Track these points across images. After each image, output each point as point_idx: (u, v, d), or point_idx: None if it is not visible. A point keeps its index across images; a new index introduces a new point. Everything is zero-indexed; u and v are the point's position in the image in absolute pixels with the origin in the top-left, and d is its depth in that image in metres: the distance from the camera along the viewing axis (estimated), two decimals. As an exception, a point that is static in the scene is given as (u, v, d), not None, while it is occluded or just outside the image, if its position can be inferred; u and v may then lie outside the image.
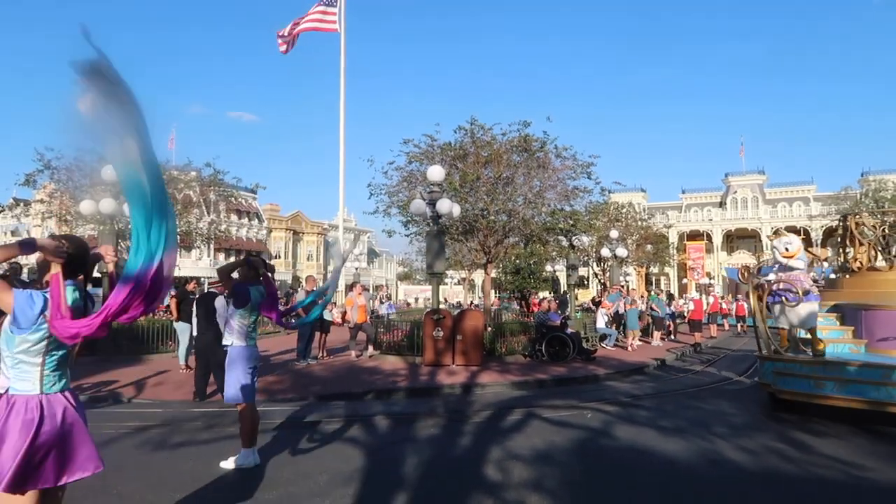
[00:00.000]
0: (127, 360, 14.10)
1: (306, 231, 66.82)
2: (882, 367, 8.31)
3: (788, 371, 8.98)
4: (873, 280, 10.30)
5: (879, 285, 10.03)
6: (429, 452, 6.62)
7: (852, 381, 8.30)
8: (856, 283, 10.53)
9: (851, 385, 8.27)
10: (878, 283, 10.10)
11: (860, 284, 10.40)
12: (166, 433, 7.49)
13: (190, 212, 25.12)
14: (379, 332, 16.20)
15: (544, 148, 19.45)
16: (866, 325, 9.67)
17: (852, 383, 8.28)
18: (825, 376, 8.53)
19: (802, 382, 8.73)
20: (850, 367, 8.51)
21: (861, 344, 9.55)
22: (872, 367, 8.37)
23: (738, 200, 70.34)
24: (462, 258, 34.39)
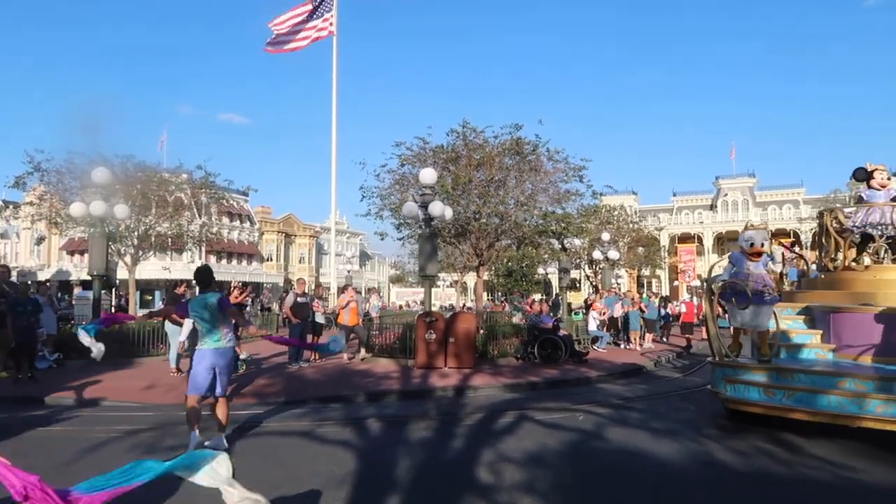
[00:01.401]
0: (117, 363, 14.00)
1: (298, 234, 66.63)
2: (831, 373, 7.78)
3: (738, 378, 8.41)
4: (848, 280, 9.66)
5: (853, 285, 9.42)
6: (421, 455, 6.62)
7: (801, 389, 7.75)
8: (831, 284, 9.96)
9: (800, 394, 7.71)
10: (852, 284, 9.49)
11: (835, 285, 9.82)
12: (157, 436, 7.46)
13: (181, 214, 25.03)
14: (371, 334, 16.18)
15: (536, 151, 19.49)
16: (834, 329, 9.00)
17: (801, 392, 7.72)
18: (775, 384, 8.02)
19: (752, 391, 8.15)
20: (799, 373, 8.04)
21: (829, 348, 8.94)
22: (822, 373, 7.85)
23: (728, 203, 70.70)
24: (454, 261, 34.42)
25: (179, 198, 25.68)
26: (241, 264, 57.43)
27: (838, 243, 9.96)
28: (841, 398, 7.33)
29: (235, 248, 56.71)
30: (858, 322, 8.68)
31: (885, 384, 7.28)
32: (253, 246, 59.69)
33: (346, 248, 67.83)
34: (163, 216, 22.98)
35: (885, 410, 7.01)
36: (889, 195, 9.44)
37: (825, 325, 9.09)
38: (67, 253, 51.34)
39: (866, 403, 7.14)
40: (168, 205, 23.97)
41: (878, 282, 9.11)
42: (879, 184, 9.55)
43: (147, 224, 22.00)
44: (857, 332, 8.65)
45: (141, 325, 15.47)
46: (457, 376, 12.37)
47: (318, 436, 7.55)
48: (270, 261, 61.81)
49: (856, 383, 7.43)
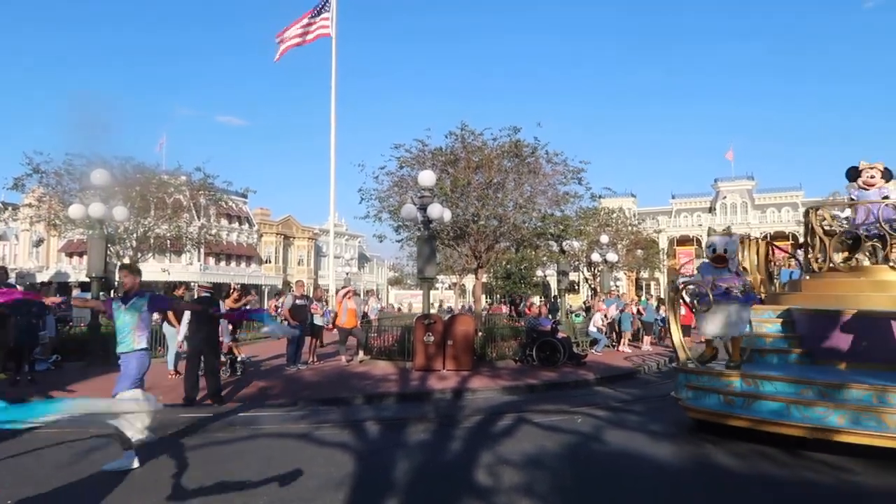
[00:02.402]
0: (115, 365, 13.94)
1: (297, 236, 66.67)
2: (795, 381, 7.38)
3: (699, 384, 8.09)
4: (831, 282, 9.16)
5: (838, 287, 8.89)
6: (419, 457, 6.62)
7: (761, 397, 7.37)
8: (814, 286, 9.47)
9: (759, 402, 7.33)
10: (837, 286, 8.96)
11: (819, 287, 9.31)
12: (155, 439, 7.42)
13: (180, 216, 25.03)
14: (369, 336, 16.18)
15: (535, 153, 19.50)
16: (811, 333, 8.66)
17: (760, 400, 7.34)
18: (736, 392, 7.66)
19: (712, 398, 7.84)
20: (762, 380, 7.63)
21: (805, 354, 8.62)
22: (784, 380, 7.46)
23: (727, 206, 70.86)
24: (453, 263, 34.43)
25: (178, 199, 25.70)
26: (239, 266, 57.44)
27: (824, 243, 9.51)
28: (803, 408, 6.95)
29: (234, 250, 56.73)
30: (836, 325, 8.33)
31: (849, 392, 6.88)
32: (252, 248, 59.70)
33: (344, 250, 67.89)
34: (161, 218, 22.99)
35: (845, 422, 6.64)
36: (879, 194, 9.10)
37: (804, 328, 8.80)
38: (66, 255, 51.35)
39: (827, 414, 6.78)
40: (167, 206, 23.97)
41: (862, 283, 8.73)
42: (864, 182, 9.17)
43: (146, 226, 22.01)
44: (834, 336, 8.32)
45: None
46: (455, 378, 12.36)
47: (316, 438, 7.55)
48: (269, 263, 61.83)
49: (820, 391, 7.05)
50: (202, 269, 51.06)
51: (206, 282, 11.61)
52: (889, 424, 6.36)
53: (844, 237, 9.32)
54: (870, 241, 8.97)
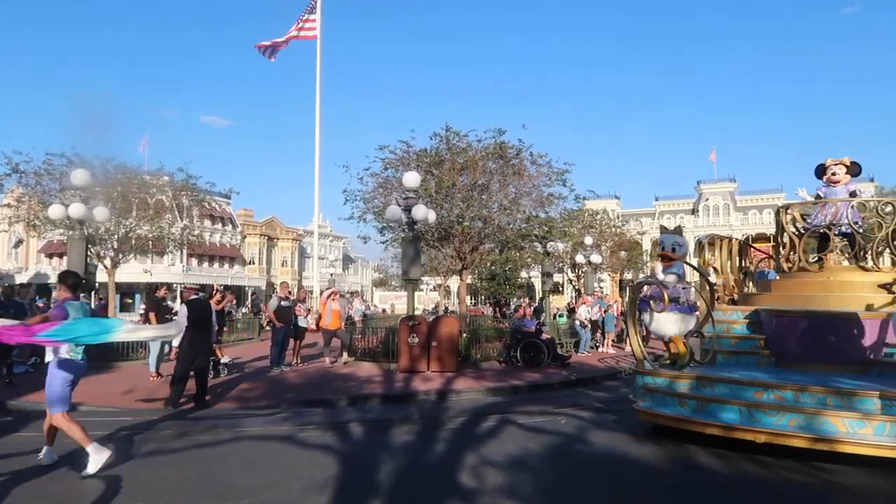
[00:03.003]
0: (95, 367, 13.81)
1: (281, 237, 66.34)
2: (746, 383, 7.26)
3: (654, 387, 7.90)
4: (800, 282, 8.94)
5: (807, 287, 8.69)
6: (403, 459, 6.61)
7: (712, 399, 7.22)
8: (784, 286, 9.28)
9: (711, 405, 7.17)
10: (806, 286, 8.76)
11: (788, 287, 9.13)
12: (137, 442, 7.37)
13: (162, 217, 24.75)
14: (354, 338, 16.13)
15: (520, 155, 19.55)
16: (777, 334, 8.51)
17: (712, 403, 7.19)
18: (688, 394, 7.49)
19: (667, 400, 7.66)
20: (716, 382, 7.51)
21: (770, 355, 8.53)
22: (736, 382, 7.31)
23: (709, 207, 71.62)
24: (438, 264, 34.41)
25: (161, 200, 25.45)
26: (222, 267, 57.04)
27: (794, 242, 9.34)
28: (755, 410, 6.79)
29: (217, 252, 56.33)
30: (800, 326, 8.26)
31: (805, 396, 6.74)
32: (235, 249, 59.32)
33: (329, 251, 67.74)
34: (143, 218, 22.74)
35: (796, 426, 6.49)
36: (846, 190, 8.94)
37: (770, 329, 8.67)
38: (46, 255, 50.72)
39: (779, 417, 6.63)
40: (149, 207, 23.71)
41: (831, 283, 8.52)
42: (829, 179, 9.01)
43: (127, 226, 21.77)
44: (798, 338, 8.24)
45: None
46: (440, 380, 12.36)
47: (299, 440, 7.51)
48: (253, 264, 61.46)
49: (774, 394, 6.91)
50: (185, 270, 50.65)
51: (191, 283, 11.50)
52: (840, 428, 6.27)
53: (812, 236, 9.24)
54: (839, 240, 8.89)
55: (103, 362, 14.40)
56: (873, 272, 8.40)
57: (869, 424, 6.19)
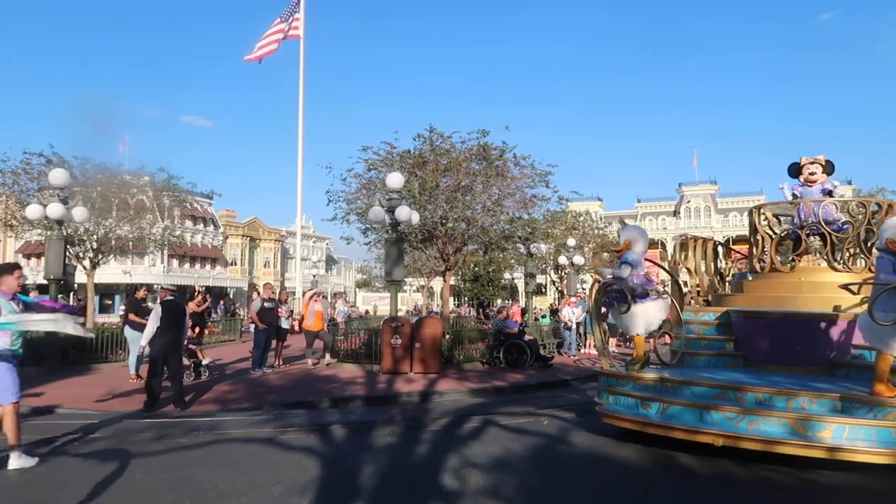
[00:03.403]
0: (74, 369, 13.68)
1: (263, 238, 65.88)
2: (707, 385, 7.10)
3: (618, 389, 7.78)
4: (771, 283, 8.89)
5: (778, 288, 8.62)
6: (386, 461, 6.58)
7: (673, 402, 7.06)
8: (756, 287, 9.22)
9: (673, 408, 7.01)
10: (775, 287, 8.71)
11: (759, 287, 9.08)
12: (115, 445, 7.27)
13: (143, 217, 24.47)
14: (336, 339, 16.06)
15: (503, 156, 19.60)
16: (745, 335, 8.40)
17: (673, 405, 7.02)
18: (651, 396, 7.33)
19: (630, 402, 7.50)
20: (675, 384, 7.35)
21: (739, 357, 8.40)
22: (698, 384, 7.16)
23: (691, 209, 72.27)
24: (421, 266, 34.37)
25: (141, 200, 25.16)
26: (204, 268, 56.54)
27: (766, 243, 9.24)
28: (716, 413, 6.62)
29: (199, 252, 55.81)
30: (768, 327, 8.17)
31: (765, 398, 6.61)
32: (217, 250, 58.82)
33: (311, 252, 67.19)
34: (124, 219, 22.47)
35: (757, 428, 6.31)
36: (822, 190, 8.79)
37: (739, 331, 8.57)
38: (23, 256, 49.93)
39: (739, 419, 6.47)
40: (129, 207, 23.44)
41: (802, 284, 8.47)
42: (805, 179, 8.87)
43: (107, 227, 21.50)
44: (766, 339, 8.15)
45: (99, 330, 15.11)
46: (423, 381, 12.34)
47: (281, 442, 7.45)
48: (235, 265, 60.96)
49: (736, 396, 6.78)
50: (165, 270, 50.13)
51: (171, 284, 11.35)
52: (799, 431, 6.11)
53: (785, 237, 9.15)
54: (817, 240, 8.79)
55: (82, 364, 14.22)
56: (844, 273, 8.33)
57: (828, 427, 6.03)
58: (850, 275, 8.22)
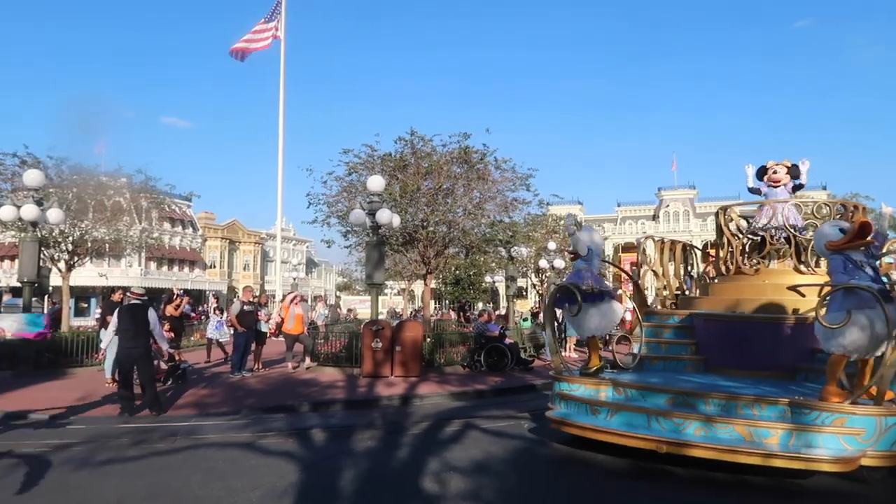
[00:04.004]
0: (49, 374, 13.43)
1: (243, 240, 65.39)
2: (658, 389, 6.93)
3: (570, 393, 7.54)
4: (735, 285, 8.72)
5: (742, 291, 8.47)
6: (366, 465, 6.55)
7: (622, 407, 6.90)
8: (720, 289, 9.03)
9: (623, 413, 6.79)
10: (739, 289, 8.56)
11: (723, 290, 8.90)
12: (90, 451, 7.15)
13: (120, 219, 24.14)
14: (317, 342, 15.97)
15: (484, 160, 19.63)
16: (707, 339, 8.23)
17: (622, 410, 6.84)
18: (600, 401, 7.14)
19: (581, 408, 7.25)
20: (628, 388, 7.17)
21: (700, 361, 8.25)
22: (649, 389, 7.00)
23: (670, 214, 73.01)
24: (402, 269, 34.33)
25: (118, 202, 24.83)
26: (182, 271, 56.00)
27: (731, 244, 9.13)
28: (663, 419, 6.42)
29: (177, 255, 55.26)
30: (728, 331, 8.02)
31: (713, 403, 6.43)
32: (195, 252, 58.27)
33: (292, 255, 66.81)
34: (100, 221, 22.15)
35: (704, 434, 6.11)
36: (786, 191, 8.78)
37: (700, 334, 8.40)
38: (-3, 258, 49.08)
39: (685, 425, 6.26)
40: (106, 209, 23.11)
41: (766, 286, 8.37)
42: (771, 179, 8.85)
43: (83, 229, 21.19)
44: (725, 342, 7.99)
45: (74, 333, 14.88)
46: (403, 385, 12.30)
47: (259, 447, 7.38)
48: (214, 268, 60.43)
49: (685, 401, 6.60)
50: (143, 273, 49.56)
51: (141, 287, 11.18)
52: (746, 438, 5.92)
53: (749, 238, 9.07)
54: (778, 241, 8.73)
55: (57, 368, 13.99)
56: (809, 275, 8.29)
57: (775, 434, 5.84)
58: (816, 277, 8.19)
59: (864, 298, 5.71)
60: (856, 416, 5.67)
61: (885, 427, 5.66)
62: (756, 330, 7.80)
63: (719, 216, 9.47)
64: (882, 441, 5.64)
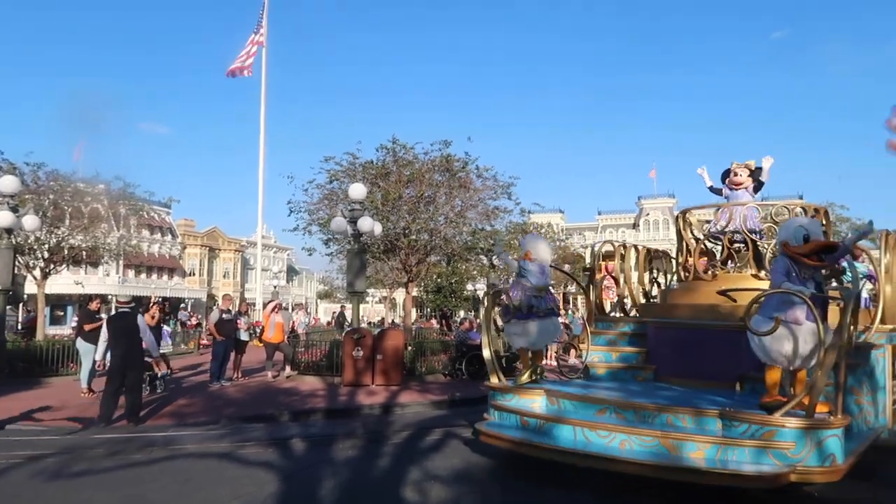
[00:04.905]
0: (23, 383, 13.19)
1: (223, 248, 64.92)
2: (589, 400, 6.59)
3: (501, 403, 7.18)
4: (692, 292, 8.37)
5: (699, 297, 8.08)
6: (346, 475, 6.50)
7: (551, 419, 6.52)
8: (678, 296, 8.68)
9: (551, 426, 6.39)
10: (696, 296, 8.19)
11: (681, 296, 8.52)
12: (64, 462, 7.02)
13: (97, 226, 23.88)
14: (297, 351, 15.86)
15: (466, 168, 19.71)
16: (657, 347, 7.92)
17: (550, 422, 6.44)
18: (530, 412, 6.78)
19: (512, 419, 6.87)
20: (560, 399, 6.80)
21: (650, 370, 7.91)
22: (580, 399, 6.68)
23: (650, 222, 73.68)
24: (383, 277, 34.25)
25: (96, 209, 24.56)
26: (161, 279, 55.47)
27: (690, 249, 8.77)
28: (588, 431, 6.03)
29: (156, 262, 54.77)
30: (677, 339, 7.70)
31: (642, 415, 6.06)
32: (174, 260, 57.76)
33: (272, 262, 66.61)
34: (77, 228, 21.88)
35: (629, 448, 5.73)
36: (747, 194, 8.49)
37: (652, 342, 8.10)
38: (-30, 266, 48.29)
39: (610, 438, 5.87)
40: (83, 216, 22.85)
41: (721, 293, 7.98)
42: (732, 182, 8.54)
43: (59, 236, 20.91)
44: (675, 350, 7.68)
45: (50, 342, 14.65)
46: (384, 394, 12.26)
47: (239, 457, 7.30)
48: (193, 275, 59.91)
49: (616, 413, 6.24)
50: (121, 281, 48.98)
51: (126, 295, 11.05)
52: (671, 452, 5.53)
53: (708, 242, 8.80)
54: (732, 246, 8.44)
55: (31, 378, 13.75)
56: (768, 281, 7.65)
57: (700, 448, 5.44)
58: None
59: (796, 305, 5.41)
60: (785, 429, 5.26)
61: (816, 441, 5.23)
62: (705, 337, 7.41)
63: (678, 220, 9.16)
64: (812, 456, 5.21)
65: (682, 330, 7.78)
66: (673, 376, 7.64)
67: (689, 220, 9.08)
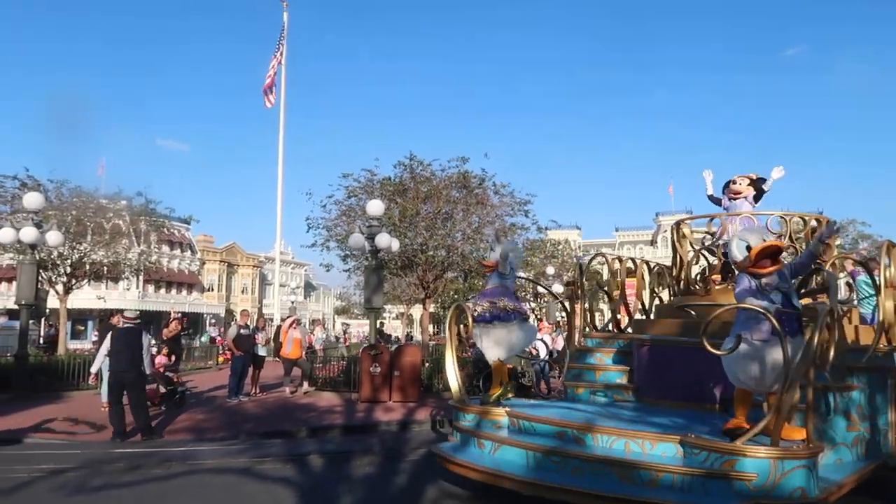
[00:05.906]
0: (45, 397, 13.32)
1: (241, 263, 65.37)
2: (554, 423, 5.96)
3: (462, 425, 6.71)
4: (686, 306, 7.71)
5: (685, 313, 7.44)
6: (363, 492, 6.48)
7: (506, 442, 6.01)
8: (670, 311, 8.16)
9: (505, 449, 5.91)
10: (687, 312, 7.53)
11: (672, 312, 7.95)
12: (85, 476, 7.07)
13: (118, 242, 24.22)
14: (315, 367, 15.89)
15: (483, 184, 19.77)
16: (639, 366, 7.40)
17: (507, 445, 5.95)
18: (489, 434, 6.24)
19: (470, 441, 6.42)
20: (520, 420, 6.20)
21: (631, 390, 7.42)
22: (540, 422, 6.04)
23: (667, 238, 73.18)
24: (400, 293, 34.29)
25: (117, 225, 24.92)
26: (180, 294, 55.90)
27: (682, 262, 8.27)
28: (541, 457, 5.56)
29: (175, 278, 55.20)
30: (660, 357, 7.16)
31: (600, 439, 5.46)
32: (194, 275, 58.23)
33: (290, 278, 66.92)
34: (99, 243, 22.20)
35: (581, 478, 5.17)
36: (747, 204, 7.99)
37: (635, 360, 7.57)
38: (-5, 280, 49.01)
39: (561, 465, 5.40)
40: (105, 232, 23.19)
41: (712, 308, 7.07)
42: (731, 191, 8.10)
43: (81, 251, 21.21)
44: (659, 370, 7.13)
45: (71, 356, 14.80)
46: (402, 410, 12.22)
47: (257, 473, 7.31)
48: (212, 291, 60.33)
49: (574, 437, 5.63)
50: (140, 296, 49.44)
51: (136, 310, 11.17)
52: (624, 482, 5.00)
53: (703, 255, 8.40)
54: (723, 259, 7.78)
55: (52, 392, 13.89)
56: None
57: (654, 476, 4.91)
58: None
59: (761, 322, 4.89)
60: (746, 458, 4.69)
61: (781, 472, 4.65)
62: (690, 357, 6.51)
63: (674, 232, 8.62)
64: (778, 488, 4.63)
65: (666, 348, 7.14)
66: (653, 397, 7.09)
67: (682, 232, 8.51)
